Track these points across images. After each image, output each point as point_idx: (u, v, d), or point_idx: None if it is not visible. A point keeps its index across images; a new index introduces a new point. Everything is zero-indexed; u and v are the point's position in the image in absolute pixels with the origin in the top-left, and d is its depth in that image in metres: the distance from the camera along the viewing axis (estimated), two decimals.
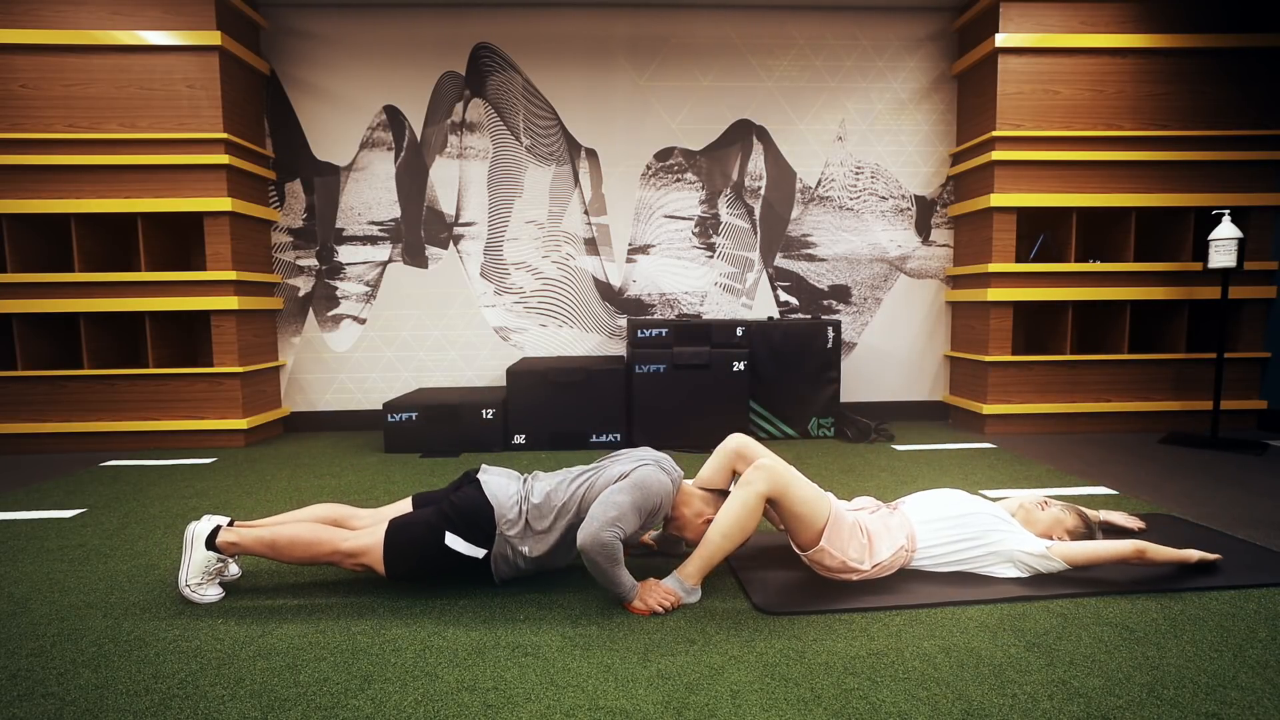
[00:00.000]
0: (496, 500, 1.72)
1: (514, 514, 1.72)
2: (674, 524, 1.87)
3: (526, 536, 1.72)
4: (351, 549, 1.69)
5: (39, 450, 3.67)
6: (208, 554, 1.73)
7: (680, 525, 1.86)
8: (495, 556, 1.72)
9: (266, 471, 3.15)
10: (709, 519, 1.83)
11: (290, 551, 1.70)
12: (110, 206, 3.56)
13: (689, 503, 1.85)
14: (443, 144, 4.15)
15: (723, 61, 4.17)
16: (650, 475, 1.72)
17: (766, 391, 3.81)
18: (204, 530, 1.74)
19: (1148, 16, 3.78)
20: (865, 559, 1.77)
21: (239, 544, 1.71)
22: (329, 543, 1.69)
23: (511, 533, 1.71)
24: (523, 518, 1.72)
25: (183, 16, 3.54)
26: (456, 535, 1.69)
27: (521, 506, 1.73)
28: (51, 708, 1.30)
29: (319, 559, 1.71)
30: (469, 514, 1.71)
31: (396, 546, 1.69)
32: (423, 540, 1.70)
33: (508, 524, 1.71)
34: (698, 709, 1.28)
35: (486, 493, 1.74)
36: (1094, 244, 4.13)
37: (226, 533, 1.73)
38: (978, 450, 3.49)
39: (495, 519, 1.71)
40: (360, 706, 1.29)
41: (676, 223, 4.26)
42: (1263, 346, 3.97)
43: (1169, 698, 1.30)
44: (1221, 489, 2.74)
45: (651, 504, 1.70)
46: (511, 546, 1.72)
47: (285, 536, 1.69)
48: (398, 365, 4.23)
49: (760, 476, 1.69)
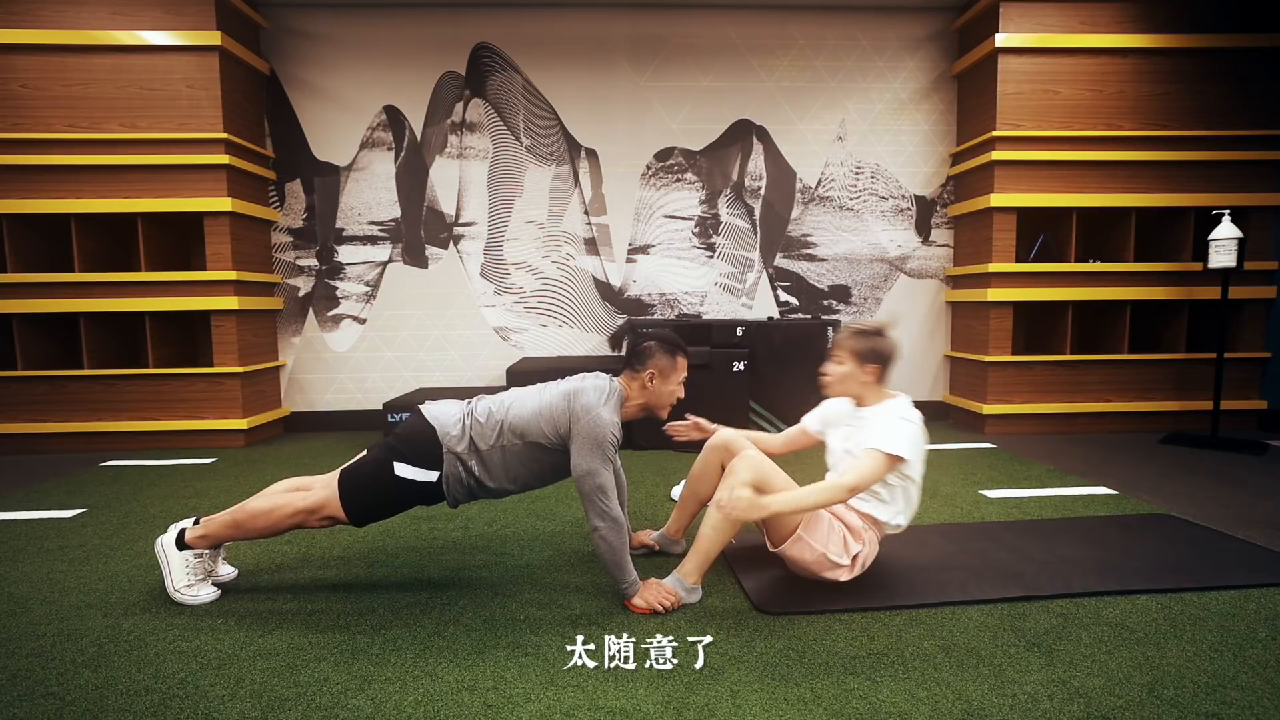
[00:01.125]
0: (438, 421, 1.74)
1: (457, 430, 1.73)
2: (640, 412, 1.86)
3: (472, 454, 1.72)
4: (311, 505, 1.70)
5: (39, 450, 3.67)
6: (182, 554, 1.74)
7: (646, 408, 1.85)
8: (446, 477, 1.73)
9: (266, 471, 3.15)
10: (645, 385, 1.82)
11: (254, 524, 1.71)
12: (110, 206, 3.56)
13: (634, 396, 1.83)
14: (443, 144, 4.15)
15: (723, 61, 4.17)
16: (593, 423, 1.69)
17: (766, 391, 3.81)
18: (170, 538, 1.76)
19: (1148, 16, 3.78)
20: (844, 554, 1.76)
21: (207, 535, 1.74)
22: (288, 505, 1.71)
23: (459, 448, 1.72)
24: (467, 434, 1.73)
25: (183, 16, 3.54)
26: (404, 463, 1.71)
27: (465, 422, 1.74)
28: (51, 708, 1.30)
29: (284, 524, 1.71)
30: (412, 439, 1.73)
31: (351, 489, 1.71)
32: (374, 475, 1.72)
33: (453, 439, 1.72)
34: (698, 709, 1.28)
35: (427, 415, 1.76)
36: (1094, 244, 4.13)
37: (192, 529, 1.76)
38: (978, 450, 3.49)
39: (439, 437, 1.72)
40: (360, 706, 1.29)
41: (676, 223, 4.26)
42: (1263, 346, 3.97)
43: (1169, 698, 1.30)
44: (1221, 489, 2.74)
45: (607, 441, 1.69)
46: (461, 463, 1.72)
47: (247, 511, 1.72)
48: (398, 365, 4.23)
49: (745, 466, 1.70)
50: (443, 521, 2.39)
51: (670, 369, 1.83)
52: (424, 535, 2.26)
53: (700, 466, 2.01)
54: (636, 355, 1.84)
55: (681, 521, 2.08)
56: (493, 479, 1.74)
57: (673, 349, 1.84)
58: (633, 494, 2.72)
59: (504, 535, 2.26)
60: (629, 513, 2.19)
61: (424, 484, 1.72)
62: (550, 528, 2.33)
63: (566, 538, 2.24)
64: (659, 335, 1.86)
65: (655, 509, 2.54)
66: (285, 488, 1.83)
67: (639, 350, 1.84)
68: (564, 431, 1.72)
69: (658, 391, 1.83)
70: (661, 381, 1.82)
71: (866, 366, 1.79)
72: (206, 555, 1.78)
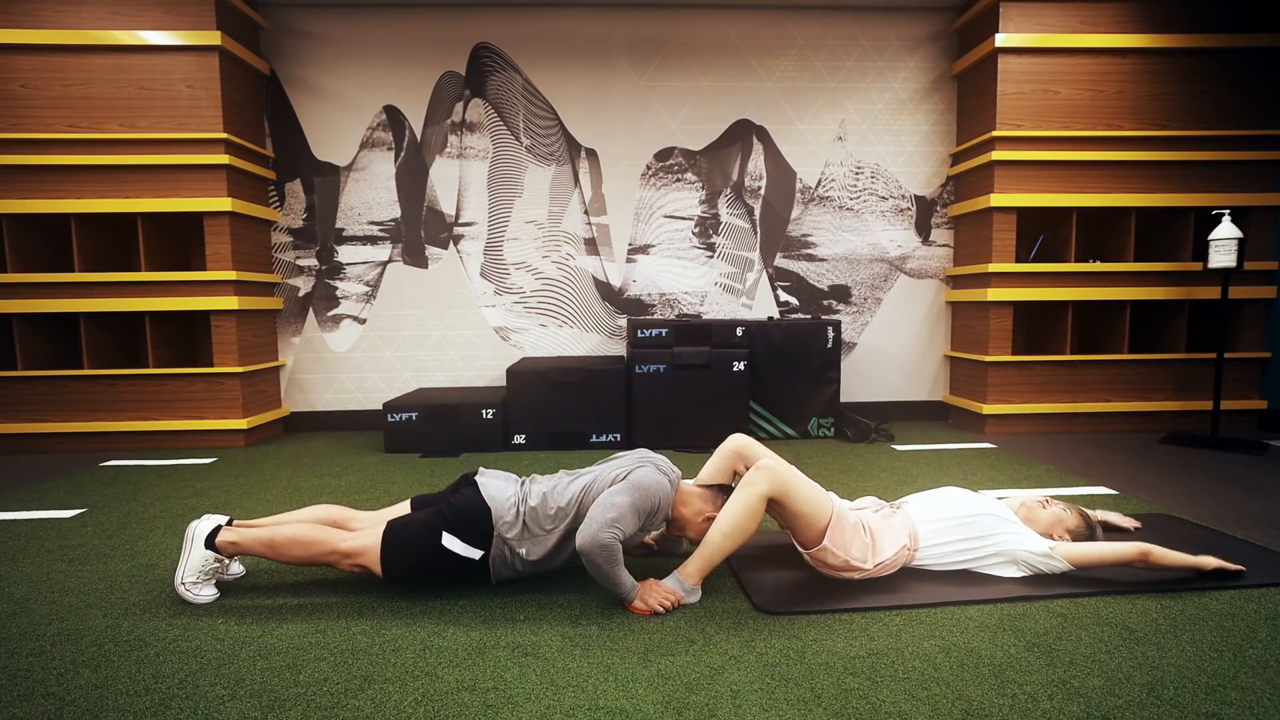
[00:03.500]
0: (494, 502, 1.72)
1: (511, 515, 1.72)
2: (675, 525, 1.86)
3: (524, 539, 1.72)
4: (349, 549, 1.69)
5: (39, 450, 3.67)
6: (206, 553, 1.73)
7: (681, 525, 1.85)
8: (493, 558, 1.72)
9: (266, 471, 3.15)
10: (709, 516, 1.83)
11: (289, 551, 1.70)
12: (110, 206, 3.56)
13: (688, 502, 1.84)
14: (443, 144, 4.14)
15: (723, 61, 4.17)
16: (648, 477, 1.72)
17: (766, 391, 3.81)
18: (204, 529, 1.74)
19: (1148, 16, 3.78)
20: (868, 558, 1.77)
21: (239, 544, 1.71)
22: (327, 543, 1.69)
23: (510, 535, 1.71)
24: (520, 519, 1.72)
25: (183, 16, 3.54)
26: (454, 536, 1.70)
27: (519, 509, 1.73)
28: (51, 708, 1.30)
29: (316, 559, 1.71)
30: (466, 515, 1.71)
31: (394, 547, 1.69)
32: (420, 541, 1.70)
33: (505, 525, 1.71)
34: (698, 709, 1.28)
35: (484, 494, 1.74)
36: (1094, 244, 4.13)
37: (226, 532, 1.73)
38: (978, 450, 3.49)
39: (493, 521, 1.71)
40: (360, 706, 1.29)
41: (676, 223, 4.26)
42: (1263, 346, 3.97)
43: (1169, 698, 1.30)
44: (1221, 489, 2.74)
45: (650, 504, 1.70)
46: (509, 548, 1.71)
47: (284, 536, 1.70)
48: (398, 365, 4.23)
49: (762, 477, 1.69)
50: None
51: None
52: None
53: (711, 471, 2.00)
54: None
55: None
56: (538, 563, 1.74)
57: None
58: None
59: None
60: None
61: (468, 560, 1.71)
62: None
63: None
64: None
65: None
66: (324, 516, 1.82)
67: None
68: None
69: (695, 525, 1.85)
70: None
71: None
72: (226, 561, 1.78)
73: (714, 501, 1.85)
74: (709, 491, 1.87)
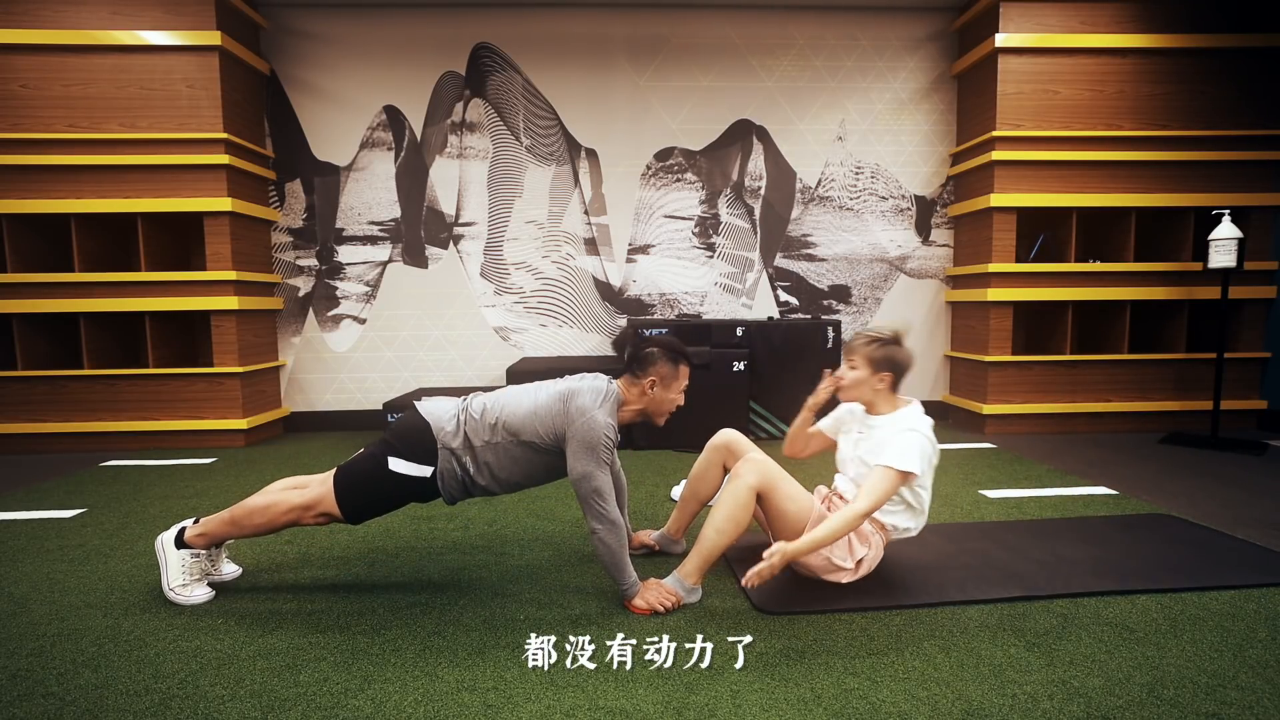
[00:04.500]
0: (433, 416, 1.75)
1: (452, 426, 1.73)
2: (637, 417, 1.84)
3: (467, 450, 1.72)
4: (306, 501, 1.71)
5: (39, 450, 3.66)
6: (180, 552, 1.75)
7: (643, 414, 1.84)
8: (441, 472, 1.72)
9: (266, 471, 3.15)
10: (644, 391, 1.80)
11: (251, 521, 1.72)
12: (110, 206, 3.56)
13: (632, 401, 1.81)
14: (443, 144, 4.14)
15: (723, 61, 4.17)
16: (587, 427, 1.67)
17: (766, 391, 3.81)
18: (170, 535, 1.77)
19: (1148, 16, 3.78)
20: (848, 557, 1.76)
21: (205, 533, 1.75)
22: (284, 503, 1.71)
23: (454, 444, 1.72)
24: (461, 429, 1.73)
25: (183, 16, 3.54)
26: (399, 459, 1.71)
27: (459, 418, 1.74)
28: (51, 708, 1.30)
29: (278, 522, 1.72)
30: (407, 435, 1.74)
31: (346, 485, 1.72)
32: (368, 472, 1.72)
33: (448, 435, 1.72)
34: (698, 709, 1.28)
35: (422, 411, 1.77)
36: (1094, 244, 4.13)
37: (192, 528, 1.76)
38: (978, 450, 3.49)
39: (434, 433, 1.72)
40: (360, 706, 1.29)
41: (676, 223, 4.26)
42: (1263, 346, 3.97)
43: (1169, 698, 1.30)
44: (1221, 489, 2.74)
45: (603, 444, 1.68)
46: (455, 459, 1.72)
47: (243, 509, 1.72)
48: (398, 365, 4.23)
49: (750, 470, 1.70)
50: (443, 521, 2.39)
51: (672, 377, 1.82)
52: (424, 535, 2.26)
53: (701, 466, 2.01)
54: (639, 360, 1.82)
55: (682, 521, 2.08)
56: (485, 477, 1.74)
57: (676, 356, 1.82)
58: (633, 494, 2.72)
59: (504, 535, 2.26)
60: (629, 513, 2.19)
61: (418, 479, 1.72)
62: (550, 528, 2.33)
63: (566, 538, 2.24)
64: (663, 341, 1.84)
65: (655, 509, 2.55)
66: (282, 486, 1.84)
67: (641, 356, 1.82)
68: (558, 433, 1.71)
69: (658, 399, 1.81)
70: (663, 389, 1.81)
71: (880, 374, 1.78)
72: (204, 555, 1.78)
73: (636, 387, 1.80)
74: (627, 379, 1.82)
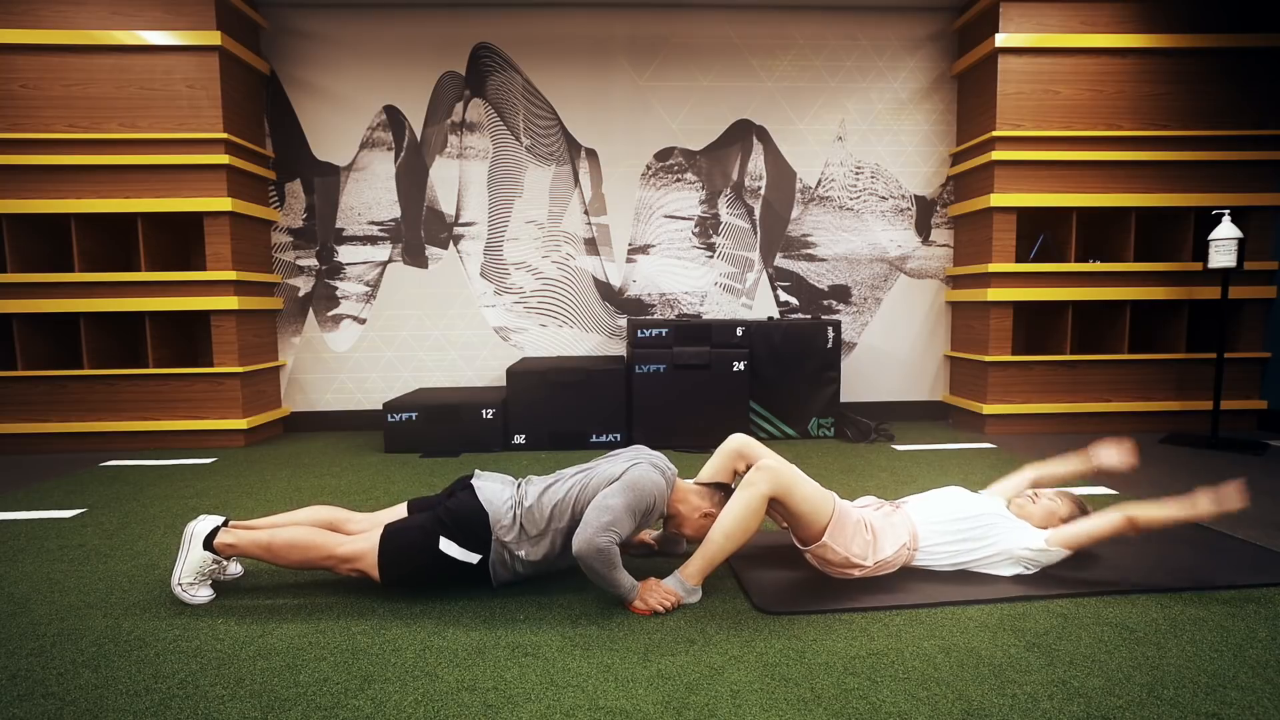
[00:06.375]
0: (491, 505, 1.72)
1: (508, 519, 1.71)
2: (673, 522, 1.86)
3: (522, 541, 1.71)
4: (346, 554, 1.69)
5: (39, 450, 3.66)
6: (204, 554, 1.73)
7: (679, 523, 1.85)
8: (492, 561, 1.72)
9: (266, 471, 3.15)
10: (707, 513, 1.82)
11: (286, 555, 1.70)
12: (110, 206, 3.56)
13: (685, 499, 1.83)
14: (443, 144, 4.14)
15: (723, 61, 4.17)
16: (643, 475, 1.71)
17: (766, 391, 3.81)
18: (203, 530, 1.74)
19: (1148, 16, 3.78)
20: (869, 555, 1.77)
21: (236, 545, 1.71)
22: (324, 547, 1.69)
23: (507, 538, 1.71)
24: (517, 522, 1.72)
25: (183, 16, 3.54)
26: (451, 541, 1.69)
27: (515, 511, 1.73)
28: (51, 708, 1.30)
29: (313, 564, 1.71)
30: (463, 519, 1.71)
31: (391, 552, 1.69)
32: (417, 545, 1.69)
33: (503, 529, 1.71)
34: (698, 709, 1.28)
35: (480, 498, 1.73)
36: (1094, 244, 4.13)
37: (224, 534, 1.73)
38: (978, 450, 3.49)
39: (490, 524, 1.71)
40: (360, 706, 1.29)
41: (676, 223, 4.26)
42: (1263, 346, 3.97)
43: (1169, 698, 1.30)
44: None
45: (645, 504, 1.69)
46: (508, 551, 1.71)
47: (282, 540, 1.70)
48: (398, 365, 4.23)
49: (763, 477, 1.69)
50: None
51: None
52: None
53: (711, 471, 2.00)
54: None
55: None
56: (541, 563, 1.74)
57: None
58: None
59: None
60: None
61: (465, 565, 1.71)
62: None
63: None
64: None
65: None
66: (321, 518, 1.82)
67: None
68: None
69: (693, 523, 1.84)
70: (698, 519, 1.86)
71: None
72: (224, 562, 1.78)
73: (711, 499, 1.84)
74: (706, 489, 1.87)
